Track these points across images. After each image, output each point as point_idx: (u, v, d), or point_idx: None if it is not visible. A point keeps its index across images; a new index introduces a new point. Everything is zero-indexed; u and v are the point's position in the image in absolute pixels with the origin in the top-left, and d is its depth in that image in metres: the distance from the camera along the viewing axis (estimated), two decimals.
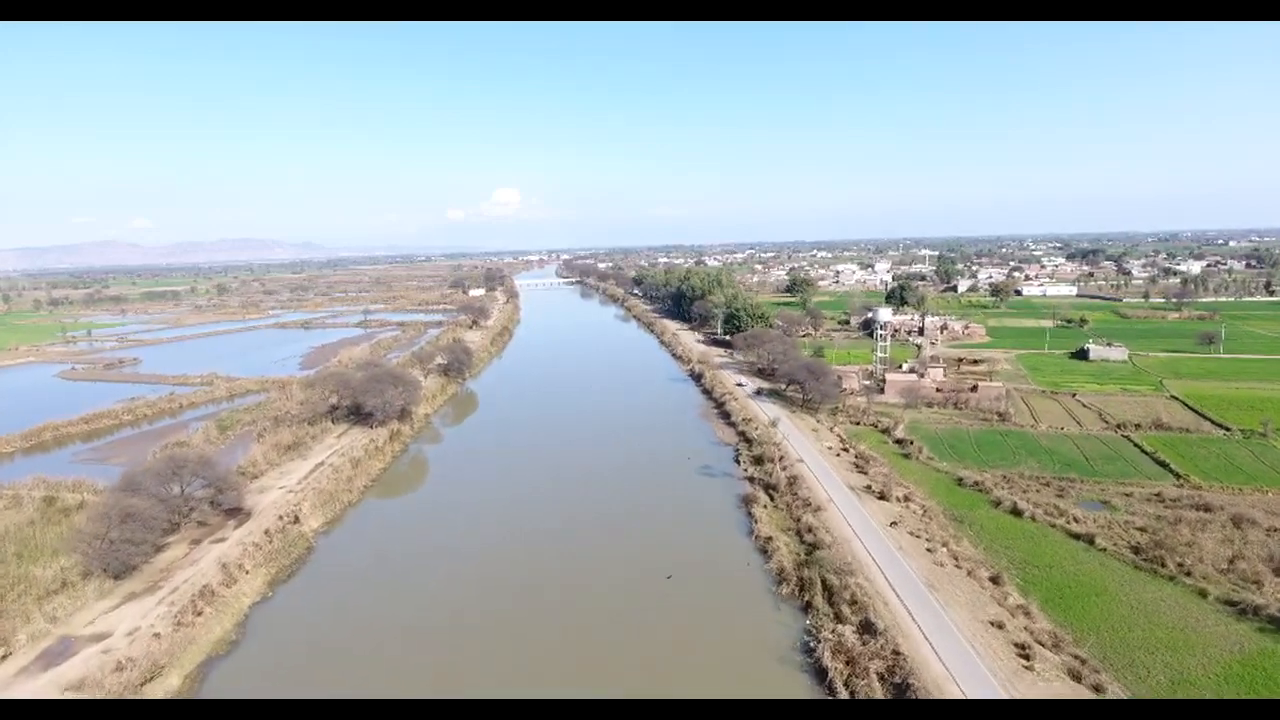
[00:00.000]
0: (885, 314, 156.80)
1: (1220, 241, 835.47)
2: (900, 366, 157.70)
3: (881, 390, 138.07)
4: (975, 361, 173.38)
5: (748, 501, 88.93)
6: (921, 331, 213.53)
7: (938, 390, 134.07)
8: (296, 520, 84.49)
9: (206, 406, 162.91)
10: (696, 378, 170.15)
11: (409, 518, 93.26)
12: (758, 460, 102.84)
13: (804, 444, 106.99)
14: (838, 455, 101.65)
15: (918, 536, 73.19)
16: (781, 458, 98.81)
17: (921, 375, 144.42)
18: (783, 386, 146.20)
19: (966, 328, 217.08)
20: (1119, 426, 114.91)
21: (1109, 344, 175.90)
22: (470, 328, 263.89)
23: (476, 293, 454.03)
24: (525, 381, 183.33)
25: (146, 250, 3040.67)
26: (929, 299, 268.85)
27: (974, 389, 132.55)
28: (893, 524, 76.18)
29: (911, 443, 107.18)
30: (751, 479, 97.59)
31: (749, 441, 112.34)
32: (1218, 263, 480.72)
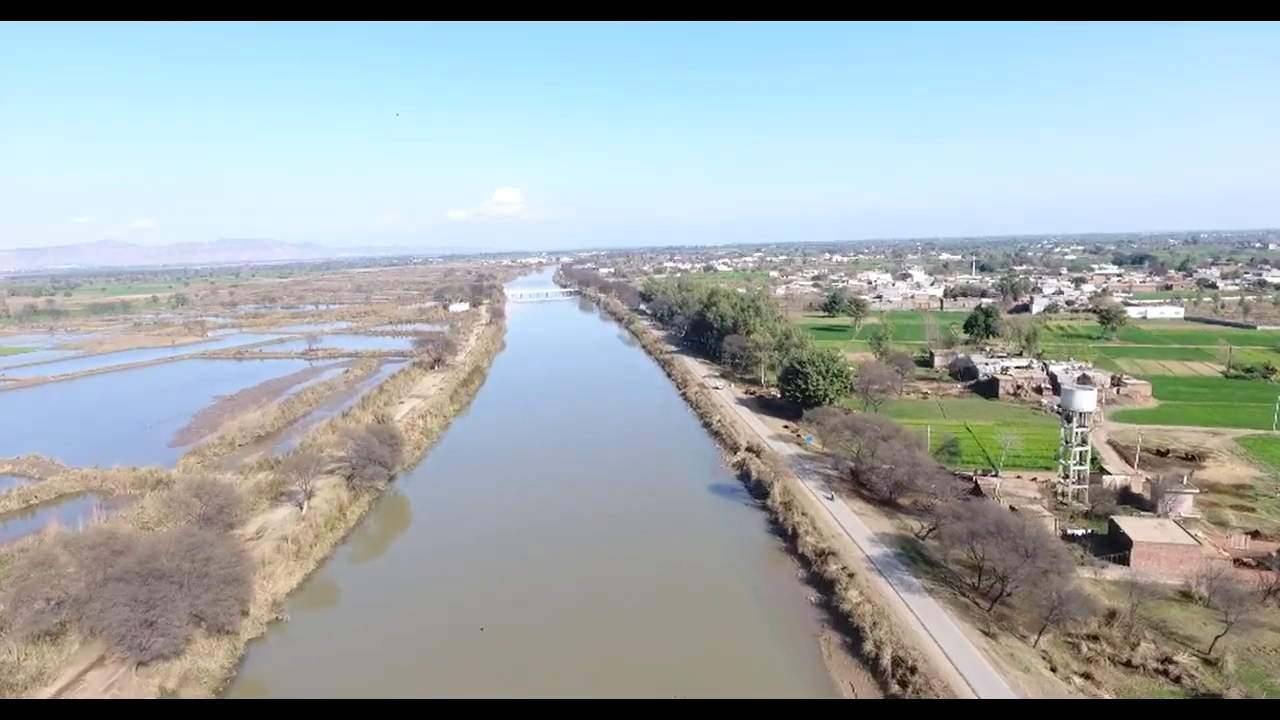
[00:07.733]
0: (1087, 399, 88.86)
1: (1257, 244, 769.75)
2: (1101, 481, 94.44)
3: (1123, 557, 74.45)
4: (1190, 458, 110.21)
5: None
6: (1055, 388, 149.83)
7: (1237, 563, 70.94)
8: None
9: None
10: (757, 489, 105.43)
11: None
12: None
13: None
14: None
15: None
16: None
17: (1173, 518, 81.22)
18: (916, 531, 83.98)
19: (1118, 382, 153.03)
20: None
21: None
22: (431, 368, 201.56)
23: (458, 308, 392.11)
24: (486, 475, 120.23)
25: (145, 250, 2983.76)
26: (1028, 330, 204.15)
27: None
28: None
29: None
30: None
31: None
32: None
